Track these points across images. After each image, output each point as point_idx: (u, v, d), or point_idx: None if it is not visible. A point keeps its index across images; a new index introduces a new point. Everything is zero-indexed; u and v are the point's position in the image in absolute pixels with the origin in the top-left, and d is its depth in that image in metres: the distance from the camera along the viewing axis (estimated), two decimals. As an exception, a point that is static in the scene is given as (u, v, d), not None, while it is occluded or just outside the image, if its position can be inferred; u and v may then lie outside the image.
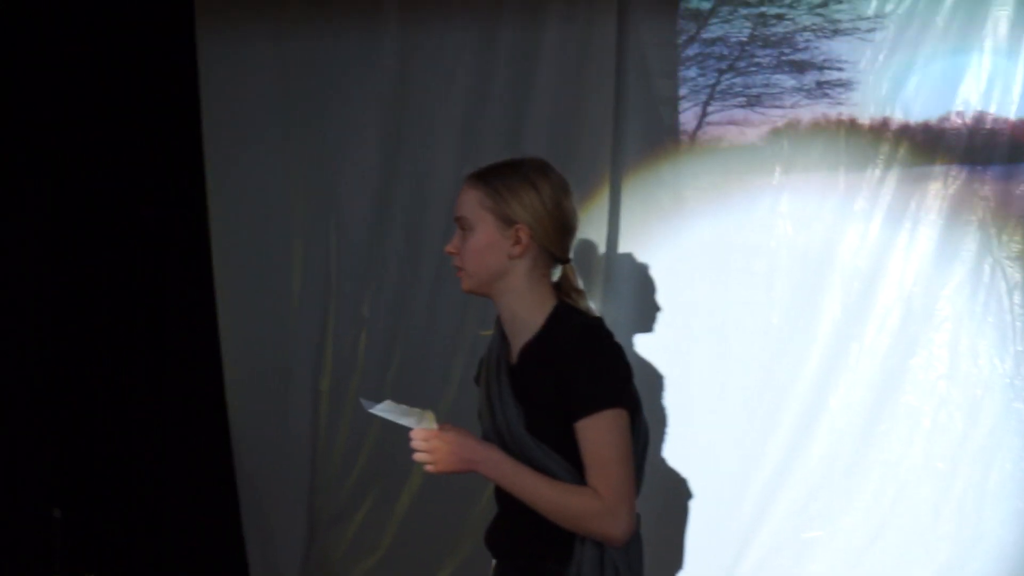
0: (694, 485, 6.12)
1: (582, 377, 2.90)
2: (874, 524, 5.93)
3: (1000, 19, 5.81)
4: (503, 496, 3.07)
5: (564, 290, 3.11)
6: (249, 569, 7.62)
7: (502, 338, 3.12)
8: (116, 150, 7.94)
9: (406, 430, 6.85)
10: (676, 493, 6.10)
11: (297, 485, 7.44)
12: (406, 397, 6.95)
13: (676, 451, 6.18)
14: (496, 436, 3.03)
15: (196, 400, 7.77)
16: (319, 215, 7.27)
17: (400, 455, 6.95)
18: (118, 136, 7.91)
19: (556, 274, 3.14)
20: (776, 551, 6.06)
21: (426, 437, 2.98)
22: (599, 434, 2.88)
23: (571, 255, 3.15)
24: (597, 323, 3.01)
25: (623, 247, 6.25)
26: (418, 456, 2.98)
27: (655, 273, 6.15)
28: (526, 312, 3.02)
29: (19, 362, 6.32)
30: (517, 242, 3.01)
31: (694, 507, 6.12)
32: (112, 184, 8.02)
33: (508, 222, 3.01)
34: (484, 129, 6.77)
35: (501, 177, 3.11)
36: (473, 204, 3.09)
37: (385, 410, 3.03)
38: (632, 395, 3.02)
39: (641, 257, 6.20)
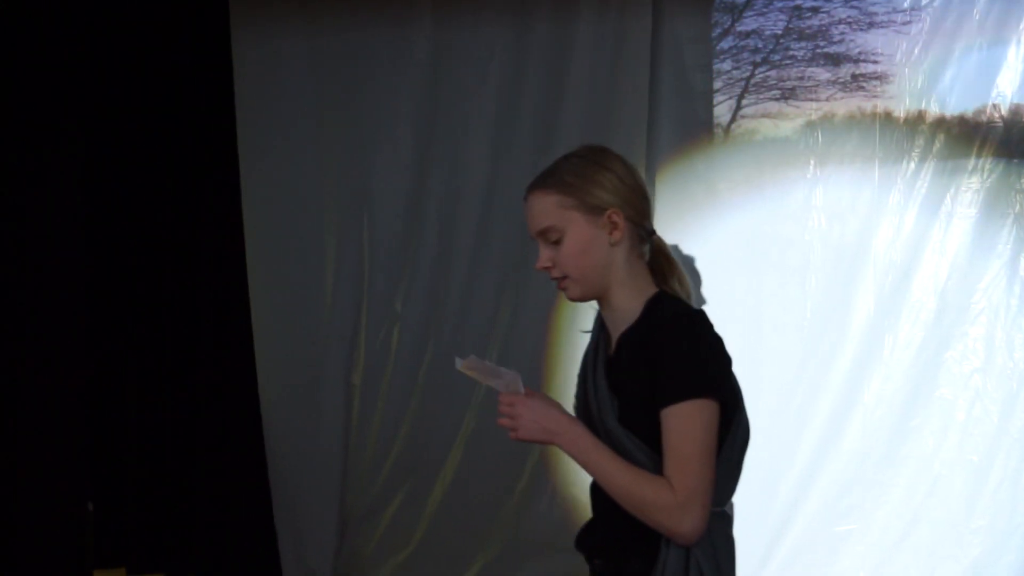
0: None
1: (669, 364, 2.79)
2: (907, 518, 5.92)
3: (1036, 11, 5.80)
4: (597, 498, 2.99)
5: (659, 265, 3.02)
6: (281, 563, 7.63)
7: (602, 329, 3.02)
8: (150, 145, 7.96)
9: (441, 423, 6.87)
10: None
11: (329, 480, 7.44)
12: (438, 392, 7.00)
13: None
14: (592, 427, 2.93)
15: (229, 395, 7.78)
16: (352, 210, 7.28)
17: (433, 449, 7.01)
18: (152, 131, 7.93)
19: (647, 254, 3.04)
20: (809, 544, 6.05)
21: (511, 402, 2.87)
22: (680, 424, 2.77)
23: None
24: (693, 312, 2.94)
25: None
26: (502, 421, 2.89)
27: (687, 266, 6.14)
28: (628, 301, 2.89)
29: (53, 359, 6.34)
30: (614, 227, 2.90)
31: (727, 500, 6.11)
32: (146, 179, 8.03)
33: (598, 211, 2.88)
34: (517, 124, 6.78)
35: (568, 172, 2.95)
36: (552, 209, 2.91)
37: (471, 367, 2.95)
38: (728, 388, 2.94)
39: (673, 251, 6.18)
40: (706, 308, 6.03)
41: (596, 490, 2.98)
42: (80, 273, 6.49)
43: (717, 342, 2.90)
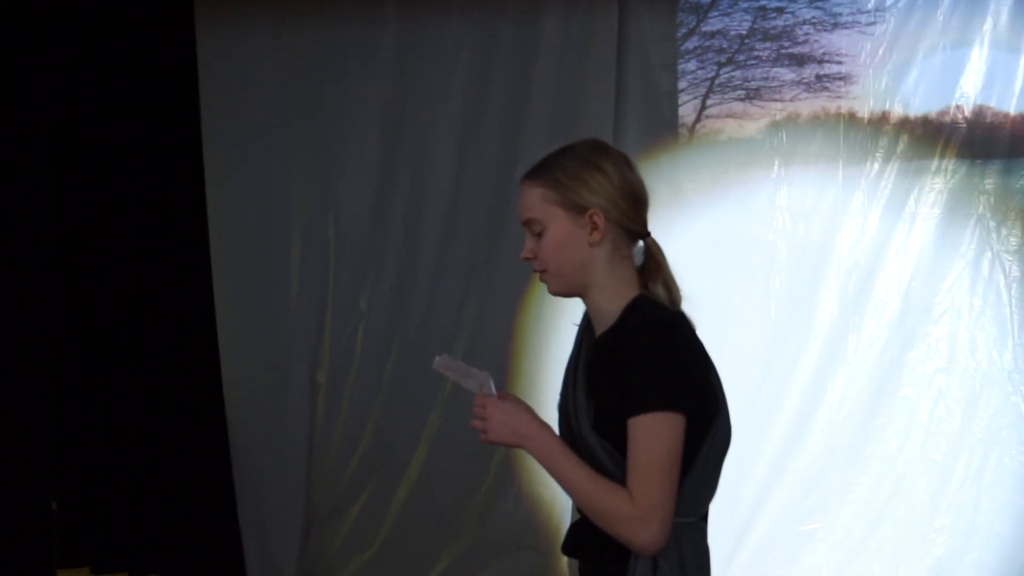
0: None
1: (635, 374, 2.74)
2: (871, 517, 5.94)
3: (1000, 13, 5.82)
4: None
5: (647, 268, 3.00)
6: (245, 562, 7.62)
7: (587, 330, 3.01)
8: (115, 145, 7.93)
9: (406, 422, 6.86)
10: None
11: (294, 478, 7.43)
12: (403, 391, 7.00)
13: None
14: (568, 432, 2.91)
15: (193, 393, 7.77)
16: (317, 208, 7.27)
17: (398, 448, 7.00)
18: (118, 131, 7.90)
19: (639, 256, 3.02)
20: (773, 543, 6.06)
21: (483, 404, 2.87)
22: (643, 436, 2.73)
23: (648, 228, 3.04)
24: (669, 318, 2.91)
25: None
26: (474, 422, 2.88)
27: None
28: (608, 303, 2.86)
29: (18, 358, 6.31)
30: (594, 228, 2.87)
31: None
32: (110, 178, 8.01)
33: (580, 210, 2.86)
34: (484, 123, 6.78)
35: (559, 167, 2.92)
36: (537, 202, 2.90)
37: (445, 366, 2.93)
38: (703, 396, 2.90)
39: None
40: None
41: None
42: (46, 272, 6.46)
43: (691, 350, 2.86)
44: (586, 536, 2.91)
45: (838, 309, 5.99)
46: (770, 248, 6.09)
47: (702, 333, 6.17)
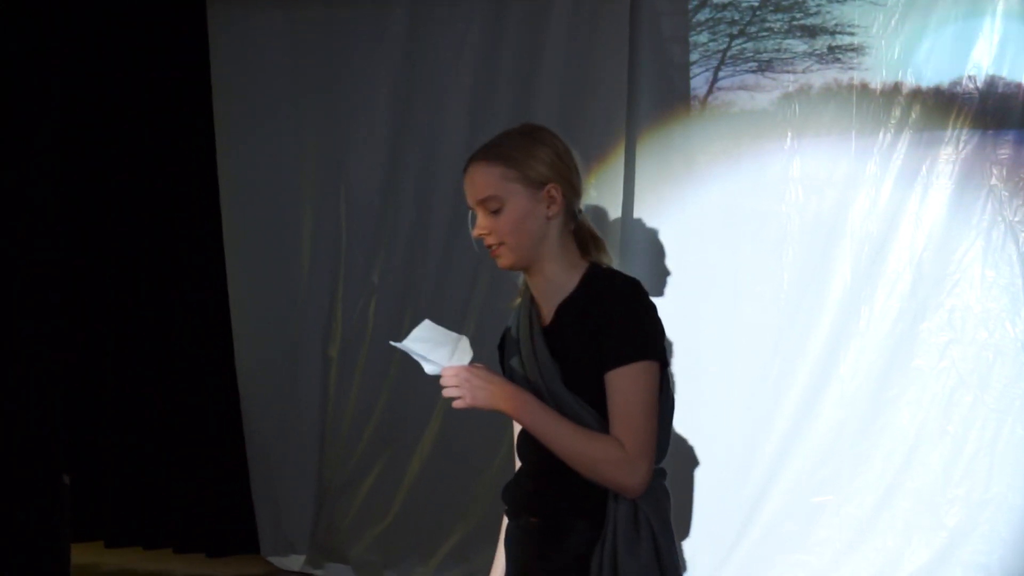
0: (703, 450, 6.13)
1: (618, 328, 2.93)
2: (884, 488, 5.94)
3: (1013, -18, 5.80)
4: (529, 454, 3.07)
5: (582, 239, 3.12)
6: (258, 536, 7.65)
7: (532, 303, 3.12)
8: (127, 122, 7.95)
9: (418, 395, 6.87)
10: (683, 460, 6.11)
11: (306, 452, 7.46)
12: (415, 365, 6.96)
13: (685, 416, 6.17)
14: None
15: (206, 368, 7.79)
16: (329, 183, 7.28)
17: (410, 422, 7.01)
18: (129, 108, 7.92)
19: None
20: (785, 516, 6.06)
21: (455, 372, 2.97)
22: (628, 384, 2.91)
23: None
24: (633, 281, 3.04)
25: (636, 213, 6.25)
26: (447, 391, 2.97)
27: (667, 238, 6.16)
28: (561, 274, 3.04)
29: (31, 332, 6.32)
30: (552, 202, 3.03)
31: (703, 472, 6.13)
32: (123, 154, 8.03)
33: (538, 185, 3.02)
34: (495, 96, 6.78)
35: (511, 147, 3.08)
36: (496, 180, 3.05)
37: (416, 339, 3.01)
38: (664, 352, 3.05)
39: (653, 222, 6.20)
40: (683, 279, 6.07)
41: (530, 448, 3.06)
42: (56, 245, 6.47)
43: (655, 309, 3.01)
44: (548, 495, 3.02)
45: (850, 280, 5.98)
46: (782, 220, 6.08)
47: (714, 305, 6.21)
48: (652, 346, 2.97)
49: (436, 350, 3.00)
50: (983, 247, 5.80)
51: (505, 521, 3.24)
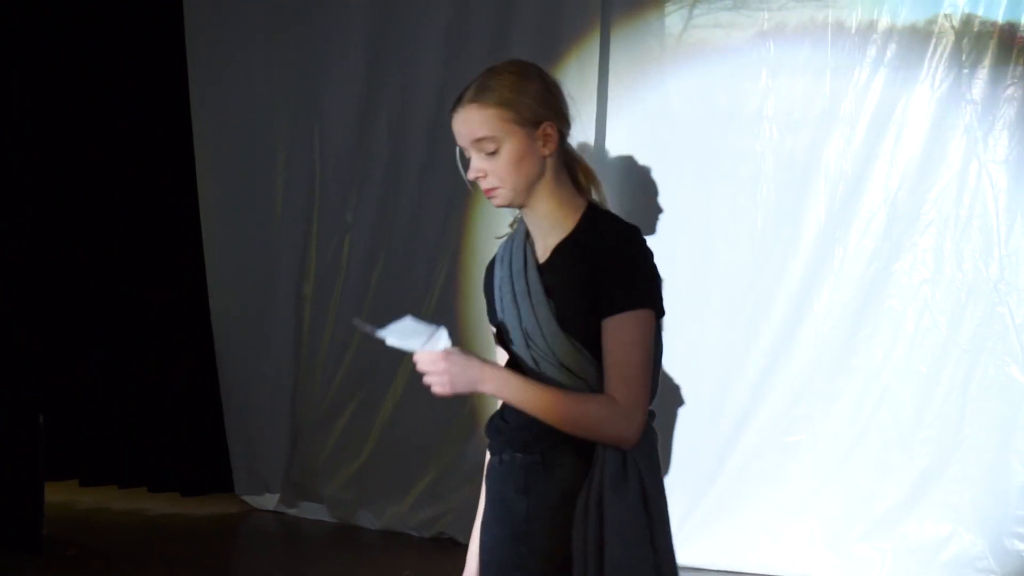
0: (678, 389, 6.14)
1: (620, 275, 2.90)
2: (856, 428, 5.95)
3: (988, -81, 5.76)
4: None
5: (573, 171, 3.09)
6: (233, 475, 7.65)
7: (527, 239, 3.08)
8: (98, 54, 7.90)
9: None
10: (658, 398, 6.10)
11: (280, 391, 7.45)
12: (389, 301, 6.98)
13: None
14: (520, 335, 2.98)
15: (179, 307, 7.78)
16: (302, 121, 7.25)
17: (384, 362, 7.00)
18: (100, 39, 7.87)
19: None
20: (759, 454, 6.08)
21: (432, 360, 2.92)
22: (624, 334, 2.87)
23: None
24: (634, 227, 2.99)
25: (609, 151, 6.23)
26: (425, 379, 2.92)
27: (640, 176, 6.13)
28: (557, 211, 2.98)
29: (5, 272, 6.31)
30: (547, 139, 2.97)
31: (678, 411, 6.14)
32: (94, 89, 7.98)
33: (534, 124, 2.96)
34: (469, 34, 6.73)
35: (502, 86, 3.00)
36: (492, 120, 2.98)
37: (394, 331, 2.95)
38: (662, 301, 3.02)
39: (626, 161, 6.17)
40: (657, 218, 6.06)
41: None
42: (29, 183, 6.45)
43: (653, 257, 2.98)
44: (531, 430, 2.96)
45: (825, 220, 5.97)
46: (757, 159, 6.07)
47: (689, 244, 6.20)
48: (652, 295, 2.94)
49: (411, 339, 2.95)
50: (957, 187, 5.79)
51: (488, 457, 3.20)
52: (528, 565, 3.00)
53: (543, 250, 3.04)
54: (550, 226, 3.02)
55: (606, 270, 2.91)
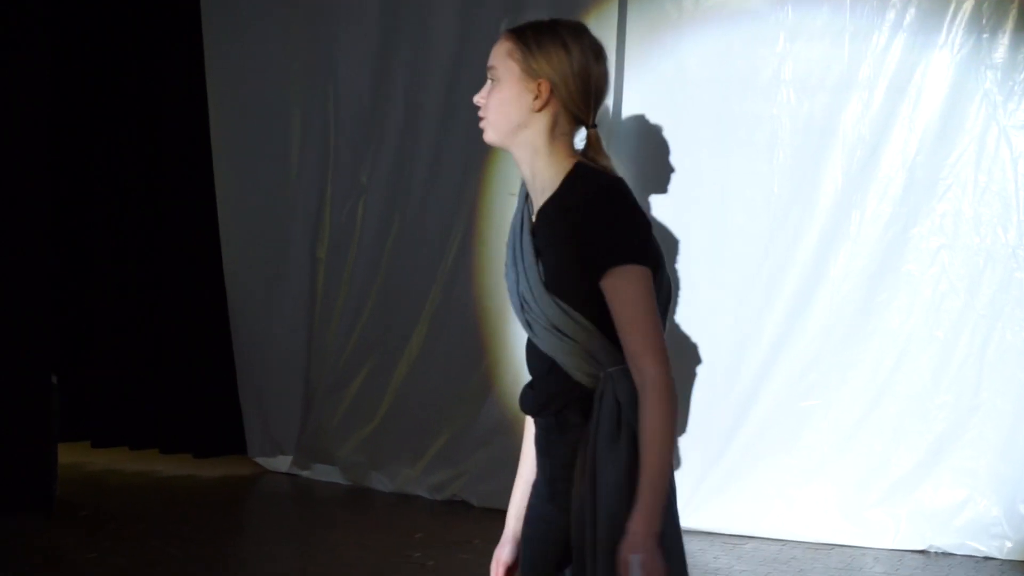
0: (694, 354, 6.13)
1: (603, 231, 2.90)
2: (872, 393, 5.94)
3: None
4: (529, 361, 3.09)
5: (588, 156, 3.11)
6: (246, 437, 7.65)
7: (526, 198, 3.13)
8: (115, 26, 7.90)
9: (407, 297, 6.85)
10: (674, 363, 6.09)
11: (294, 354, 7.45)
12: (404, 266, 6.98)
13: (675, 320, 6.18)
14: (517, 298, 3.04)
15: (193, 270, 7.77)
16: (317, 82, 7.23)
17: (398, 323, 6.99)
18: (117, 10, 7.87)
19: (580, 143, 3.14)
20: (774, 419, 6.07)
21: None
22: (617, 292, 2.88)
23: (596, 121, 3.14)
24: (617, 180, 3.01)
25: (626, 115, 6.20)
26: None
27: (656, 141, 6.11)
28: (546, 170, 3.03)
29: (18, 235, 6.31)
30: (538, 96, 3.02)
31: (694, 375, 6.14)
32: (111, 59, 7.98)
33: (532, 76, 3.01)
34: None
35: (534, 33, 3.07)
36: (503, 55, 3.06)
37: None
38: (654, 252, 3.02)
39: (643, 125, 6.15)
40: (673, 183, 6.04)
41: (529, 355, 3.07)
42: (44, 147, 6.44)
43: (639, 209, 2.98)
44: (543, 393, 3.02)
45: (842, 185, 5.95)
46: (774, 123, 6.04)
47: (704, 209, 6.18)
48: (641, 249, 2.95)
49: None
50: (976, 152, 5.76)
51: (529, 427, 3.24)
52: (561, 524, 3.04)
53: (536, 212, 3.07)
54: (541, 187, 3.06)
55: (588, 227, 2.93)
